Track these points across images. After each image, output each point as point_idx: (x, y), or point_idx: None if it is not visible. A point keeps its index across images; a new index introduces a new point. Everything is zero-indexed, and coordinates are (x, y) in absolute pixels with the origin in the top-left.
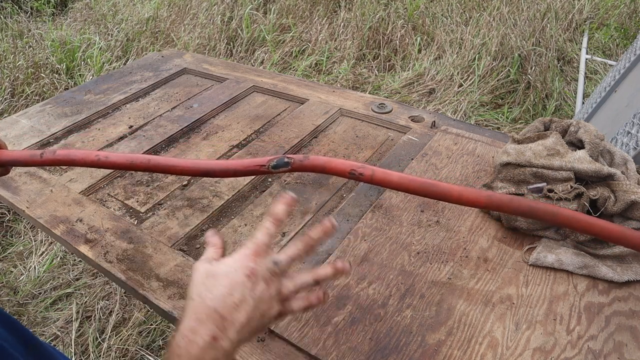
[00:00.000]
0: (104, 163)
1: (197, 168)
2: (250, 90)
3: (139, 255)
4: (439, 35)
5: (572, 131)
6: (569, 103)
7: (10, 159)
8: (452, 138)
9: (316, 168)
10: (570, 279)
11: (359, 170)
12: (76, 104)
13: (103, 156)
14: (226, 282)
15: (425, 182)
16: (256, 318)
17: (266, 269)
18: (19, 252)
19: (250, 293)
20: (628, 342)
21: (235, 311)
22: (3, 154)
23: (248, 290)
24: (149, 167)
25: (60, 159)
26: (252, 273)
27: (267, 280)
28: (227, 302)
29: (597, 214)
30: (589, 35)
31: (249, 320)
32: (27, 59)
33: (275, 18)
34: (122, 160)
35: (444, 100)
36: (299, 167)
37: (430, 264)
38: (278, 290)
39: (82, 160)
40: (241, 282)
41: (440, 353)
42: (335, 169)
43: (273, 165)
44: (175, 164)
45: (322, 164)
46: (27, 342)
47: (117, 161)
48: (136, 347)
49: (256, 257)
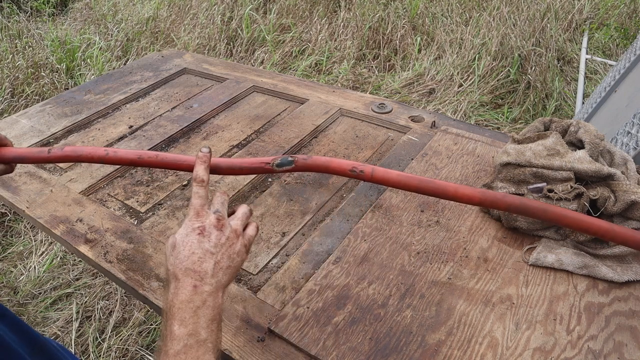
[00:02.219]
0: (112, 159)
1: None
2: (250, 90)
3: (139, 255)
4: (439, 35)
5: (572, 131)
6: (569, 103)
7: (16, 156)
8: (452, 138)
9: (319, 167)
10: (570, 279)
11: (360, 168)
12: (76, 104)
13: (112, 152)
14: (186, 246)
15: (422, 180)
16: (224, 259)
17: (212, 220)
18: (19, 252)
19: (207, 245)
20: (628, 342)
21: (203, 262)
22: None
23: (205, 243)
24: (156, 162)
25: (68, 155)
26: (201, 230)
27: (218, 227)
28: (193, 259)
29: (597, 214)
30: (589, 35)
31: (217, 263)
32: (27, 59)
33: (275, 18)
34: (131, 155)
35: (444, 100)
36: (302, 165)
37: (430, 264)
38: (232, 229)
39: (90, 156)
40: (197, 240)
41: (440, 353)
42: (337, 167)
43: (277, 163)
44: (183, 160)
45: (325, 162)
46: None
47: (125, 156)
48: (136, 347)
49: (199, 217)
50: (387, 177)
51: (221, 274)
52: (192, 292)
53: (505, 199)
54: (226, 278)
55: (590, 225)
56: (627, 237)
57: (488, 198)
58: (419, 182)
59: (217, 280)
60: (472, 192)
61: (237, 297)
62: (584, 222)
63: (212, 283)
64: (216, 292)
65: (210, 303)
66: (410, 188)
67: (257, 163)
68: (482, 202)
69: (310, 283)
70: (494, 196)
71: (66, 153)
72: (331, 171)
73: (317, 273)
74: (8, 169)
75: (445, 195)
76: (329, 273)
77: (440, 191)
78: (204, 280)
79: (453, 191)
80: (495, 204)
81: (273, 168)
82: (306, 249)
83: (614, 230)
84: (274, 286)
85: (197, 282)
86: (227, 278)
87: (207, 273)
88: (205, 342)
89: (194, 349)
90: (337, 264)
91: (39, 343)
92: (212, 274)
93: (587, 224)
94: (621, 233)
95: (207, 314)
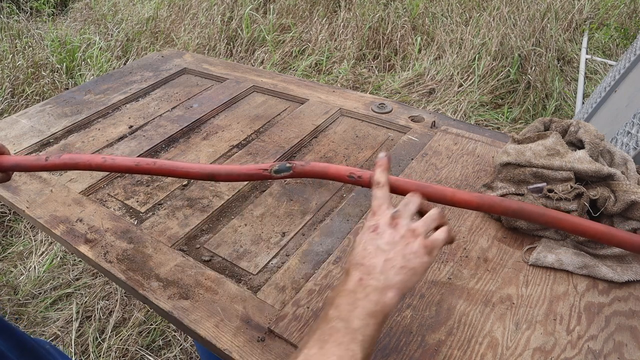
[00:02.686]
0: (110, 166)
1: (202, 171)
2: (250, 90)
3: (139, 255)
4: (439, 35)
5: (572, 131)
6: (569, 103)
7: (12, 164)
8: (452, 138)
9: (317, 173)
10: (570, 279)
11: (357, 173)
12: (76, 104)
13: (109, 159)
14: (360, 243)
15: (420, 185)
16: (398, 258)
17: (387, 218)
18: (19, 252)
19: (379, 241)
20: (628, 342)
21: (372, 258)
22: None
23: (377, 240)
24: (154, 169)
25: (66, 163)
26: (374, 227)
27: (393, 225)
28: (364, 254)
29: (597, 214)
30: (589, 35)
31: (388, 260)
32: (27, 59)
33: (275, 18)
34: (128, 162)
35: (444, 100)
36: (300, 172)
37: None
38: (409, 229)
39: (87, 163)
40: (369, 238)
41: (440, 353)
42: (334, 173)
43: (275, 169)
44: (181, 167)
45: (322, 168)
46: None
47: (122, 164)
48: (136, 347)
49: (375, 215)
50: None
51: (392, 273)
52: (357, 284)
53: (502, 203)
54: (399, 278)
55: (588, 229)
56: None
57: (486, 202)
58: (417, 187)
59: (386, 278)
60: (469, 196)
61: (237, 297)
62: (581, 226)
63: (379, 279)
64: (383, 289)
65: (373, 298)
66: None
67: (254, 169)
68: (479, 207)
69: (310, 283)
70: (491, 200)
71: (63, 161)
72: (329, 177)
73: (317, 273)
74: (4, 177)
75: (443, 199)
76: (329, 273)
77: (438, 195)
78: (372, 274)
79: (451, 195)
80: (492, 208)
81: (271, 174)
82: (306, 249)
83: (610, 232)
84: (274, 286)
85: (364, 276)
86: (400, 278)
87: (375, 268)
88: (356, 332)
89: (341, 334)
90: (337, 264)
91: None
92: (381, 270)
93: (584, 227)
94: (618, 236)
95: (367, 307)
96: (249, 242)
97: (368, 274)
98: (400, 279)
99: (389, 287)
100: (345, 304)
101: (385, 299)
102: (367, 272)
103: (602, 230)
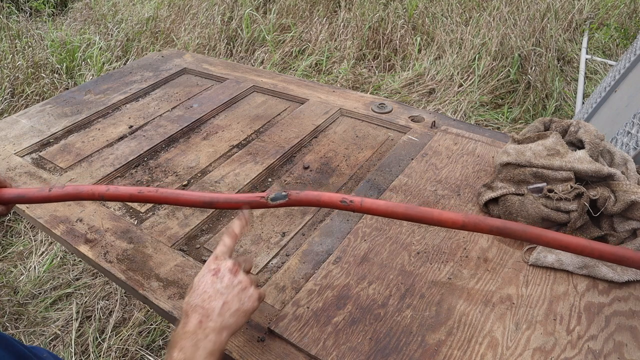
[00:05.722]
0: (113, 195)
1: (202, 200)
2: (250, 90)
3: (139, 255)
4: (439, 35)
5: (572, 131)
6: (569, 103)
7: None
8: (452, 138)
9: (311, 201)
10: (570, 279)
11: (349, 199)
12: (76, 104)
13: (113, 188)
14: (200, 286)
15: (409, 207)
16: (234, 301)
17: (229, 264)
18: (19, 252)
19: (219, 285)
20: (628, 342)
21: (212, 301)
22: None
23: (217, 284)
24: (156, 197)
25: (69, 193)
26: (215, 271)
27: (232, 271)
28: (204, 297)
29: (597, 214)
30: (589, 35)
31: (225, 303)
32: (27, 59)
33: (275, 18)
34: (131, 191)
35: (444, 100)
36: (295, 200)
37: (430, 264)
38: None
39: (90, 193)
40: (210, 281)
41: (440, 353)
42: (327, 200)
43: (272, 197)
44: (181, 196)
45: (316, 196)
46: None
47: (125, 192)
48: (136, 347)
49: (217, 260)
50: (375, 206)
51: (228, 315)
52: (197, 326)
53: (486, 221)
54: (233, 320)
55: (569, 244)
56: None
57: (471, 221)
58: (406, 210)
59: (223, 320)
60: (455, 216)
61: None
62: (563, 241)
63: (217, 321)
64: (220, 331)
65: (212, 338)
66: (398, 216)
67: (252, 197)
68: (464, 226)
69: (310, 283)
70: (476, 219)
71: (67, 191)
72: (322, 204)
73: (317, 273)
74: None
75: (430, 220)
76: (329, 273)
77: (426, 217)
78: (210, 317)
79: (437, 216)
80: (477, 227)
81: (267, 202)
82: (306, 249)
83: (591, 246)
84: (274, 286)
85: (203, 318)
86: (234, 320)
87: (214, 311)
88: None
89: None
90: (337, 264)
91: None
92: (219, 312)
93: (566, 242)
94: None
95: (207, 347)
96: (249, 242)
97: (207, 316)
98: (234, 320)
99: (224, 328)
100: (189, 346)
101: (221, 339)
102: (206, 315)
103: (583, 244)
